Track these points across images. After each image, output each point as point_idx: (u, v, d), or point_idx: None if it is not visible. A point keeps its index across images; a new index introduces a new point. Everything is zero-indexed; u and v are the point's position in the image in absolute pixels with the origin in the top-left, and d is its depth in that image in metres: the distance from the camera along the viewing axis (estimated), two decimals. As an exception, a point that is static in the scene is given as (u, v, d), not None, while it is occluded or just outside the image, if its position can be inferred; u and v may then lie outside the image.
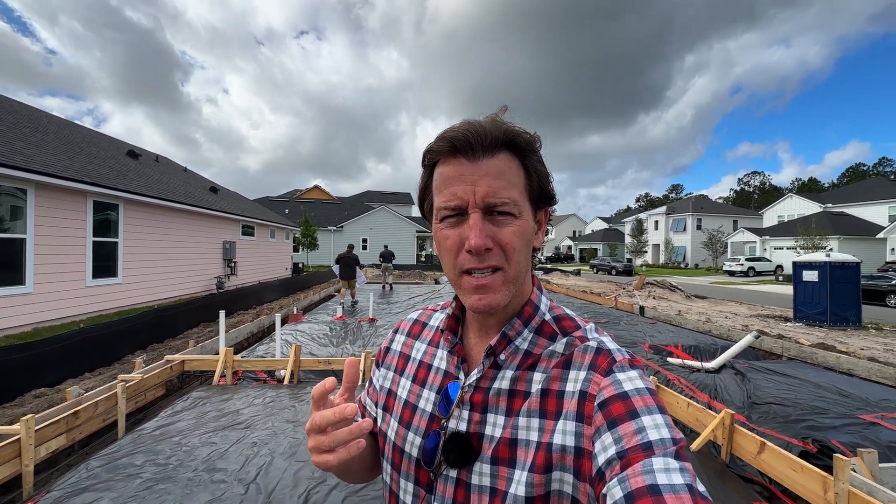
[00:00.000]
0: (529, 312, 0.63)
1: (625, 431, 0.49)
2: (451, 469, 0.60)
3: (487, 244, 0.56)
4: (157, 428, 3.47)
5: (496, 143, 0.57)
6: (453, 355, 0.67)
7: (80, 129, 12.96)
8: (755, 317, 11.66)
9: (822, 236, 27.64)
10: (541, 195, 0.62)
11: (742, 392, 4.33)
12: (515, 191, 0.57)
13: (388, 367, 0.76)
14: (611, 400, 0.52)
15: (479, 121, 0.59)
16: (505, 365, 0.62)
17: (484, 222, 0.56)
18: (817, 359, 5.98)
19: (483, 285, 0.57)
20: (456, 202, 0.57)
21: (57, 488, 2.60)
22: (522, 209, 0.58)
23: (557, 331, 0.63)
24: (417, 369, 0.72)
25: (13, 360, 4.73)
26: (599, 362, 0.57)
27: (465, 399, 0.62)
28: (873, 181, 43.95)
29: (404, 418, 0.68)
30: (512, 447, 0.56)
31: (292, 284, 15.57)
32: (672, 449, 0.47)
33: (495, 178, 0.56)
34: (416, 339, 0.75)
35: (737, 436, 3.14)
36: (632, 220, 47.89)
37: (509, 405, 0.59)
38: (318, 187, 47.07)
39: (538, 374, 0.60)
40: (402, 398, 0.70)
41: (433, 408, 0.65)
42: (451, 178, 0.57)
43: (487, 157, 0.57)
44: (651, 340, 6.83)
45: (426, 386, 0.68)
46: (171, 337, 7.73)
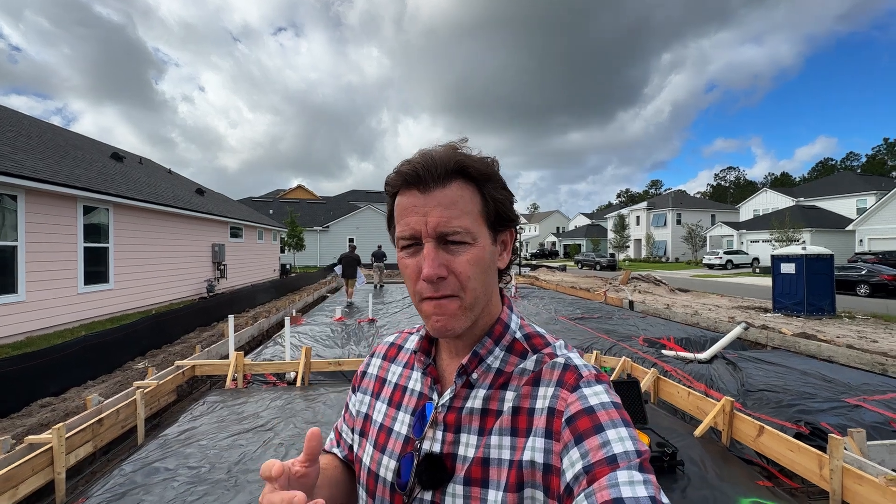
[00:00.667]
0: (500, 331, 0.65)
1: (591, 446, 0.50)
2: (424, 492, 0.60)
3: (441, 273, 0.57)
4: (181, 433, 3.53)
5: (447, 174, 0.58)
6: (426, 376, 0.67)
7: (62, 131, 12.63)
8: (736, 308, 12.14)
9: (796, 229, 28.76)
10: (499, 219, 0.62)
11: (735, 381, 4.61)
12: (468, 218, 0.58)
13: (365, 391, 0.76)
14: (577, 415, 0.54)
15: (433, 151, 0.61)
16: (477, 384, 0.63)
17: (437, 251, 0.58)
18: (800, 347, 6.35)
19: (440, 312, 0.58)
20: (410, 232, 0.59)
21: (96, 493, 2.66)
22: (478, 235, 0.59)
23: (528, 348, 0.64)
24: (393, 392, 0.72)
25: (17, 370, 4.69)
26: (567, 378, 0.58)
27: (439, 419, 0.63)
28: (841, 175, 45.80)
29: (379, 442, 0.68)
30: (484, 467, 0.57)
31: (283, 286, 15.49)
32: (636, 461, 0.48)
33: (446, 208, 0.57)
34: (392, 363, 0.76)
35: (736, 421, 3.38)
36: (614, 216, 48.86)
37: (482, 424, 0.60)
38: (302, 187, 46.55)
39: (510, 392, 0.60)
40: (378, 422, 0.70)
41: (408, 430, 0.65)
42: (406, 209, 0.59)
43: (439, 188, 0.58)
44: (644, 334, 7.12)
45: (401, 408, 0.69)
46: (168, 342, 7.68)
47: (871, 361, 5.39)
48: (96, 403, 3.61)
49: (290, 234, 26.72)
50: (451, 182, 0.59)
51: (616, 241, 45.22)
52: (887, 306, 12.64)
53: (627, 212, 50.80)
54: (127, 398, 3.88)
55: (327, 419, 3.89)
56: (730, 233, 38.01)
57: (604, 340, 6.63)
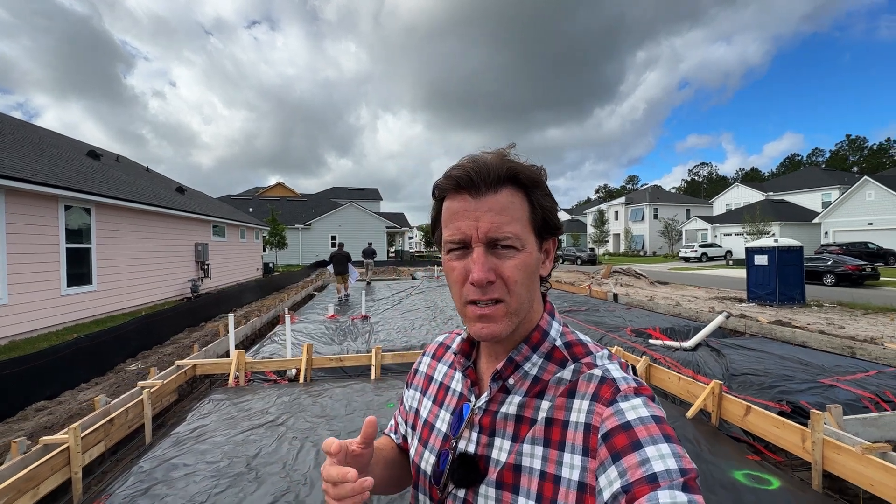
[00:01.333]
0: (538, 338, 0.64)
1: (629, 464, 0.48)
2: (458, 489, 0.62)
3: (490, 277, 0.57)
4: (192, 430, 3.57)
5: (499, 180, 0.59)
6: (466, 378, 0.69)
7: (36, 128, 12.18)
8: (713, 299, 12.66)
9: (766, 222, 29.97)
10: (545, 227, 0.63)
11: (720, 366, 4.89)
12: (518, 225, 0.59)
13: (416, 388, 0.80)
14: (614, 431, 0.52)
15: (484, 156, 0.61)
16: (514, 390, 0.63)
17: (487, 256, 0.58)
18: (776, 334, 6.73)
19: (485, 315, 0.59)
20: (460, 236, 0.59)
21: (118, 491, 2.70)
22: (526, 242, 0.60)
23: (568, 357, 0.63)
24: (438, 390, 0.75)
25: (10, 374, 4.62)
26: (602, 392, 0.57)
27: (475, 421, 0.64)
28: (807, 171, 47.84)
29: (423, 437, 0.71)
30: (516, 473, 0.58)
31: (268, 285, 15.33)
32: (679, 481, 0.46)
33: (498, 213, 0.58)
34: (440, 361, 0.79)
35: (725, 402, 3.63)
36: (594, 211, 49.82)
37: (515, 431, 0.60)
38: (282, 184, 45.80)
39: (545, 402, 0.60)
40: (423, 417, 0.74)
41: (447, 428, 0.68)
42: (456, 213, 0.60)
43: (490, 194, 0.59)
44: (631, 325, 7.41)
45: (443, 406, 0.71)
46: (158, 343, 7.58)
47: (842, 345, 5.78)
48: (104, 404, 3.61)
49: (271, 233, 26.36)
50: (503, 188, 0.59)
51: (596, 235, 46.15)
52: (852, 295, 13.37)
53: (606, 207, 51.89)
54: (133, 398, 3.89)
55: (335, 413, 3.98)
56: (704, 226, 39.28)
57: (593, 332, 6.88)
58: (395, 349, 6.07)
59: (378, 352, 5.14)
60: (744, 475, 2.78)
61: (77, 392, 5.30)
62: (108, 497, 2.65)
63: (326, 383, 4.85)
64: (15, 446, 2.77)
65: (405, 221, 43.67)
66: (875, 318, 9.39)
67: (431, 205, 0.68)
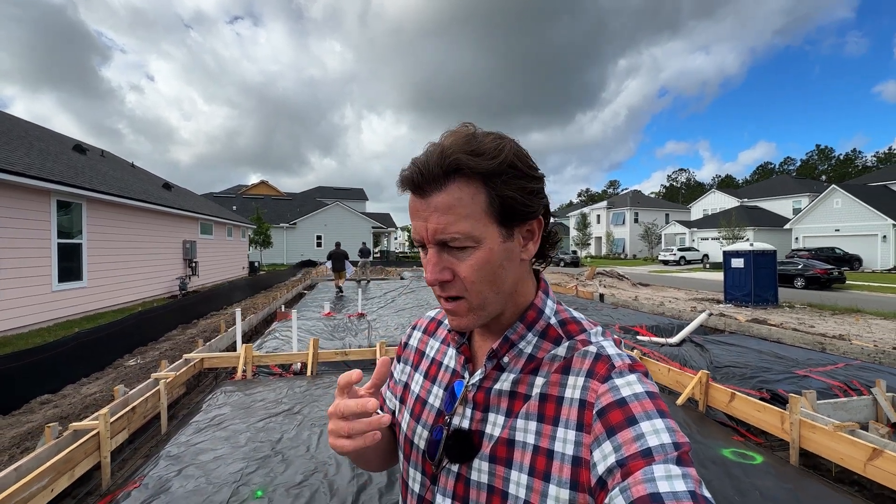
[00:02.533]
0: (533, 316, 0.64)
1: (624, 439, 0.49)
2: (452, 463, 0.62)
3: (442, 277, 0.58)
4: (211, 418, 3.69)
5: (443, 176, 0.55)
6: (460, 354, 0.69)
7: (20, 121, 11.89)
8: (692, 300, 13.22)
9: (741, 228, 31.16)
10: (510, 214, 0.58)
11: (704, 360, 5.25)
12: (467, 222, 0.55)
13: (406, 361, 0.80)
14: (609, 407, 0.53)
15: (437, 146, 0.57)
16: (508, 368, 0.63)
17: (440, 256, 0.58)
18: (753, 331, 7.17)
19: (450, 310, 0.60)
20: (417, 237, 0.59)
21: (149, 474, 2.83)
22: (483, 237, 0.56)
23: (563, 335, 0.63)
24: (430, 366, 0.74)
25: (13, 368, 4.64)
26: (598, 368, 0.57)
27: (469, 397, 0.64)
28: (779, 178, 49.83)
29: (415, 412, 0.71)
30: (509, 447, 0.58)
31: (256, 283, 15.27)
32: (673, 454, 0.47)
33: (444, 213, 0.55)
34: (431, 337, 0.78)
35: (711, 390, 3.95)
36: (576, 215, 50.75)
37: (509, 406, 0.60)
38: (266, 183, 45.25)
39: (539, 378, 0.60)
40: (415, 392, 0.73)
41: (441, 403, 0.68)
42: (412, 213, 0.59)
43: (436, 193, 0.56)
44: (619, 322, 7.77)
45: (436, 382, 0.71)
46: (154, 340, 7.58)
47: (813, 341, 6.24)
48: (123, 394, 3.70)
49: (256, 232, 26.08)
50: (450, 183, 0.55)
51: (578, 238, 47.07)
52: (821, 297, 14.13)
53: (589, 210, 52.97)
54: (149, 389, 3.98)
55: (347, 403, 4.14)
56: (682, 231, 40.51)
57: (584, 329, 7.20)
58: (398, 343, 6.24)
59: (382, 346, 5.32)
60: (731, 452, 3.09)
61: (80, 386, 5.32)
62: (142, 478, 2.77)
63: (331, 377, 5.01)
64: (48, 431, 2.87)
65: (391, 222, 43.69)
66: (842, 318, 10.03)
67: None
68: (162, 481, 2.72)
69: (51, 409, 4.61)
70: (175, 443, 3.27)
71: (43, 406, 4.70)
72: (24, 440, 3.77)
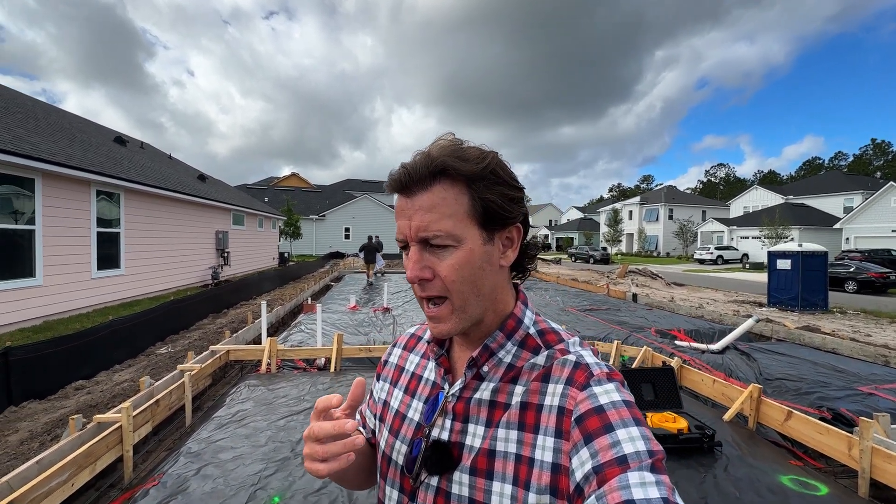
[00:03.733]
0: (512, 326, 0.65)
1: (600, 446, 0.50)
2: (431, 477, 0.61)
3: (423, 275, 0.58)
4: (234, 414, 3.65)
5: (429, 176, 0.58)
6: (439, 366, 0.69)
7: (65, 114, 12.40)
8: (732, 302, 12.52)
9: (785, 226, 29.47)
10: (492, 218, 0.60)
11: (752, 370, 4.85)
12: (450, 221, 0.57)
13: (386, 379, 0.79)
14: (587, 414, 0.53)
15: (424, 151, 0.60)
16: (488, 377, 0.63)
17: (422, 254, 0.59)
18: (804, 340, 6.64)
19: (433, 316, 0.61)
20: (401, 236, 0.61)
21: (169, 471, 2.78)
22: (464, 237, 0.58)
23: (541, 344, 0.64)
24: (409, 380, 0.74)
25: (50, 353, 4.75)
26: (576, 377, 0.58)
27: (448, 408, 0.64)
28: (829, 175, 46.83)
29: (394, 427, 0.70)
30: (490, 458, 0.58)
31: (286, 274, 15.51)
32: (648, 462, 0.47)
33: (427, 211, 0.57)
34: (411, 352, 0.78)
35: (763, 407, 3.60)
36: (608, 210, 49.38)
37: (489, 416, 0.60)
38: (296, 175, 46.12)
39: (519, 386, 0.61)
40: (394, 408, 0.73)
41: (420, 417, 0.67)
42: (397, 212, 0.61)
43: (421, 192, 0.58)
44: (655, 325, 7.37)
45: (415, 396, 0.71)
46: (185, 328, 7.74)
47: (875, 353, 5.69)
48: (148, 386, 3.70)
49: (287, 223, 26.58)
50: (435, 184, 0.58)
51: (609, 234, 45.80)
52: (876, 302, 13.13)
53: (621, 206, 51.40)
54: (174, 381, 3.98)
55: (370, 403, 4.02)
56: (720, 229, 38.73)
57: (618, 331, 6.85)
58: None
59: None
60: (790, 480, 2.77)
61: (112, 373, 5.43)
62: (161, 475, 2.72)
63: (354, 373, 4.91)
64: (73, 423, 2.86)
65: (418, 215, 43.59)
66: (903, 327, 9.21)
67: None
68: (180, 480, 2.66)
69: (84, 395, 4.70)
70: (196, 439, 3.22)
71: (77, 392, 4.81)
72: (56, 426, 3.83)
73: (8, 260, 6.56)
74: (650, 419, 3.29)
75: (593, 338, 6.36)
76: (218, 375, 5.20)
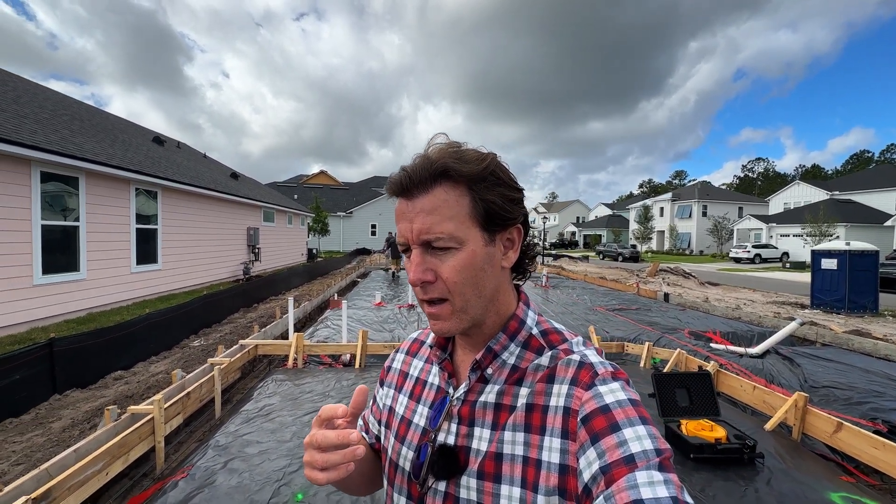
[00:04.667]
0: (515, 327, 0.64)
1: (607, 445, 0.50)
2: (439, 482, 0.61)
3: (425, 278, 0.58)
4: (260, 408, 3.70)
5: (430, 178, 0.58)
6: (443, 371, 0.69)
7: (108, 115, 12.98)
8: (771, 304, 11.91)
9: (830, 223, 27.86)
10: (493, 219, 0.60)
11: (795, 377, 4.57)
12: (451, 223, 0.57)
13: (390, 385, 0.79)
14: (593, 414, 0.53)
15: (424, 155, 0.60)
16: (492, 379, 0.63)
17: (424, 257, 0.59)
18: (853, 345, 6.23)
19: (433, 314, 0.60)
20: (402, 239, 0.61)
21: (198, 462, 2.83)
22: (465, 239, 0.58)
23: (544, 344, 0.63)
24: (414, 386, 0.74)
25: (92, 344, 4.96)
26: (581, 376, 0.57)
27: (454, 412, 0.64)
28: (881, 168, 43.96)
29: (400, 433, 0.70)
30: (497, 462, 0.57)
31: (314, 270, 15.80)
32: (655, 461, 0.47)
33: (428, 214, 0.57)
34: (415, 357, 0.78)
35: (810, 417, 3.37)
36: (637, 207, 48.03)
37: (495, 419, 0.60)
38: (325, 173, 46.88)
39: (524, 388, 0.60)
40: (400, 414, 0.72)
41: (425, 422, 0.67)
42: (397, 216, 0.61)
43: (422, 195, 0.58)
44: (688, 327, 7.08)
45: (420, 401, 0.70)
46: (217, 322, 7.97)
47: (934, 361, 5.27)
48: (180, 378, 3.80)
49: (315, 220, 27.09)
50: (436, 187, 0.58)
51: (639, 232, 44.51)
52: (933, 306, 12.20)
53: (651, 202, 49.85)
54: (205, 374, 4.08)
55: (393, 400, 4.01)
56: (758, 226, 37.02)
57: (649, 332, 6.61)
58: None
59: (431, 342, 5.15)
60: (841, 498, 2.57)
61: (149, 364, 5.64)
62: (190, 468, 2.78)
63: (378, 370, 4.91)
64: (108, 414, 2.96)
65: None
66: (965, 333, 8.51)
67: None
68: (208, 473, 2.70)
69: (122, 385, 4.90)
70: (224, 432, 3.28)
71: (116, 382, 5.02)
72: (95, 415, 3.99)
73: (55, 255, 6.91)
74: (685, 427, 3.13)
75: (623, 339, 6.16)
76: (247, 369, 5.31)
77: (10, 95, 7.92)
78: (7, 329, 6.14)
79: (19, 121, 6.81)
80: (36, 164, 6.44)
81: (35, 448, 3.40)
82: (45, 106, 8.79)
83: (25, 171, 6.33)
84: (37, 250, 6.52)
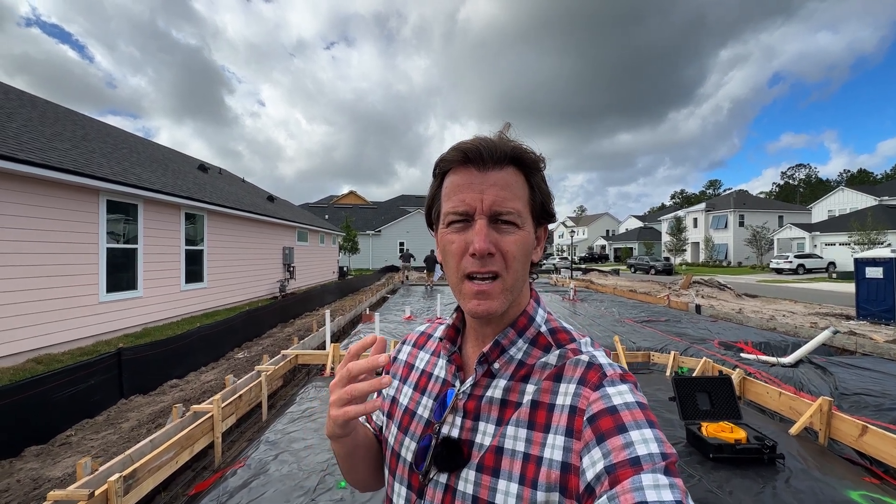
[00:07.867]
0: (524, 323, 0.65)
1: (613, 446, 0.49)
2: (440, 474, 0.61)
3: (491, 249, 0.58)
4: (303, 410, 4.04)
5: (504, 157, 0.60)
6: (451, 364, 0.68)
7: (159, 146, 14.14)
8: (814, 315, 11.46)
9: (879, 230, 26.41)
10: (542, 211, 0.64)
11: (826, 384, 4.53)
12: (519, 203, 0.60)
13: (394, 376, 0.78)
14: (600, 414, 0.53)
15: (488, 136, 0.62)
16: (499, 374, 0.63)
17: (488, 229, 0.59)
18: (894, 354, 6.03)
19: (482, 291, 0.59)
20: (464, 208, 0.59)
21: (252, 455, 3.17)
22: (525, 221, 0.61)
23: (552, 343, 0.64)
24: (419, 378, 0.73)
25: (152, 355, 5.47)
26: (590, 377, 0.57)
27: (459, 406, 0.64)
28: (934, 171, 41.30)
29: (403, 424, 0.70)
30: (497, 456, 0.57)
31: (346, 287, 16.34)
32: (661, 464, 0.47)
33: (502, 188, 0.59)
34: (421, 350, 0.78)
35: (835, 421, 3.40)
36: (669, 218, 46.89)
37: (500, 414, 0.60)
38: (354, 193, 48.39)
39: (530, 385, 0.60)
40: (403, 405, 0.72)
41: (430, 414, 0.67)
42: (460, 185, 0.60)
43: (496, 170, 0.60)
44: (719, 337, 7.01)
45: (425, 393, 0.70)
46: (258, 336, 8.48)
47: (981, 370, 5.07)
48: (232, 383, 4.19)
49: (345, 239, 27.96)
50: (507, 167, 0.61)
51: (671, 244, 43.35)
52: None
53: (684, 213, 48.57)
54: (253, 380, 4.46)
55: (424, 405, 4.27)
56: (801, 235, 35.41)
57: (676, 343, 6.61)
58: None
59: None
60: (860, 496, 2.62)
61: (199, 374, 6.13)
62: (246, 459, 3.11)
63: (411, 378, 5.18)
64: (175, 411, 3.36)
65: (470, 228, 44.00)
66: None
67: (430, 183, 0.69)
68: (262, 464, 3.03)
69: (178, 392, 5.37)
70: (273, 430, 3.62)
71: (172, 389, 5.50)
72: (158, 417, 4.44)
73: (117, 275, 7.62)
74: (705, 429, 3.23)
75: (649, 348, 6.20)
76: (288, 377, 5.70)
77: (80, 133, 8.87)
78: (77, 342, 6.81)
79: (89, 156, 7.64)
80: (103, 193, 7.20)
81: (109, 444, 3.84)
82: (108, 140, 9.75)
83: (94, 199, 7.09)
84: (102, 271, 7.22)
